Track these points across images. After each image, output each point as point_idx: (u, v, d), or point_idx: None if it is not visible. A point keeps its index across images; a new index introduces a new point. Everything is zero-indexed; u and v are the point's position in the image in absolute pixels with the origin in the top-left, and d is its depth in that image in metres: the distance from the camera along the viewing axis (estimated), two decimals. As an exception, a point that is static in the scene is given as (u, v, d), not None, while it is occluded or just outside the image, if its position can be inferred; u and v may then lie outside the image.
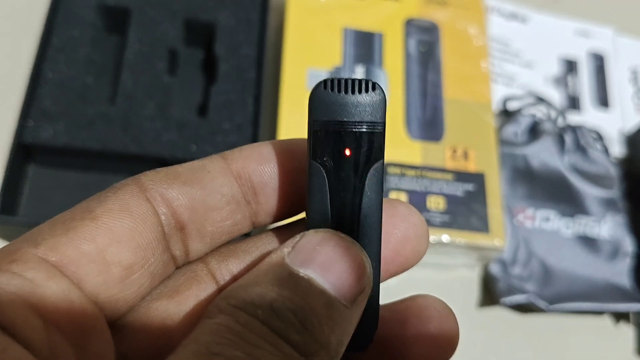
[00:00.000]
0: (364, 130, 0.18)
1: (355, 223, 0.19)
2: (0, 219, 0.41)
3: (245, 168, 0.20)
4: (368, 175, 0.18)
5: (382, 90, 0.18)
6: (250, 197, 0.20)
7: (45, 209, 0.45)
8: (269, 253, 0.20)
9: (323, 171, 0.18)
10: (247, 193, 0.20)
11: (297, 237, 0.18)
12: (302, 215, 0.21)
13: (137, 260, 0.18)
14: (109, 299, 0.18)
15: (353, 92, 0.18)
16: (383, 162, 0.19)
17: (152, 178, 0.19)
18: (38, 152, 0.45)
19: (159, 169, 0.19)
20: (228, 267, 0.20)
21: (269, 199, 0.20)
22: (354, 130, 0.18)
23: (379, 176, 0.19)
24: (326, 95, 0.18)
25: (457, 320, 0.21)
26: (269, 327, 0.16)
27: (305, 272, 0.17)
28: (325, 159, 0.18)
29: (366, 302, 0.18)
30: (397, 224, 0.21)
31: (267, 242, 0.21)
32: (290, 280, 0.17)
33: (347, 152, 0.18)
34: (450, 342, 0.21)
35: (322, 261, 0.17)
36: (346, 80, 0.18)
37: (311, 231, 0.18)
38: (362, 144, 0.18)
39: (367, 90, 0.18)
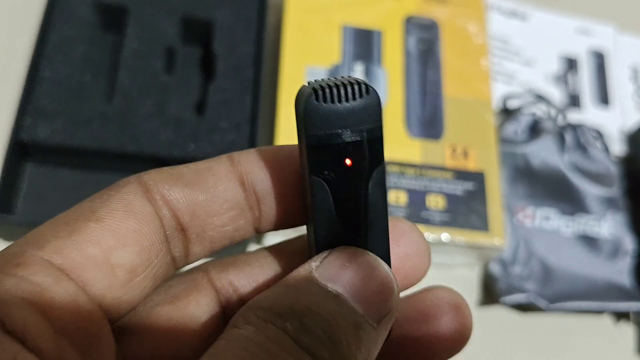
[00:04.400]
0: (364, 137, 0.17)
1: (363, 231, 0.18)
2: (-3, 218, 0.41)
3: (250, 174, 0.19)
4: (371, 180, 0.18)
5: (376, 92, 0.17)
6: (253, 203, 0.19)
7: (42, 207, 0.45)
8: (270, 266, 0.20)
9: (325, 185, 0.17)
10: (251, 199, 0.19)
11: (325, 253, 0.18)
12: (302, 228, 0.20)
13: (141, 263, 0.18)
14: (113, 302, 0.17)
15: (347, 100, 0.17)
16: (384, 164, 0.18)
17: (154, 177, 0.18)
18: (35, 151, 0.45)
19: (163, 169, 0.19)
20: (228, 277, 0.20)
21: (272, 207, 0.20)
22: (352, 139, 0.17)
23: (382, 180, 0.18)
24: (319, 107, 0.16)
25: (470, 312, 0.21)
26: (297, 343, 0.15)
27: (334, 287, 0.17)
28: (326, 172, 0.17)
29: (392, 324, 0.18)
30: (396, 239, 0.20)
31: (267, 255, 0.21)
32: (320, 295, 0.17)
33: (348, 162, 0.17)
34: (461, 337, 0.21)
35: (351, 279, 0.17)
36: (337, 88, 0.16)
37: (339, 248, 0.18)
38: (363, 151, 0.17)
39: (360, 95, 0.17)
